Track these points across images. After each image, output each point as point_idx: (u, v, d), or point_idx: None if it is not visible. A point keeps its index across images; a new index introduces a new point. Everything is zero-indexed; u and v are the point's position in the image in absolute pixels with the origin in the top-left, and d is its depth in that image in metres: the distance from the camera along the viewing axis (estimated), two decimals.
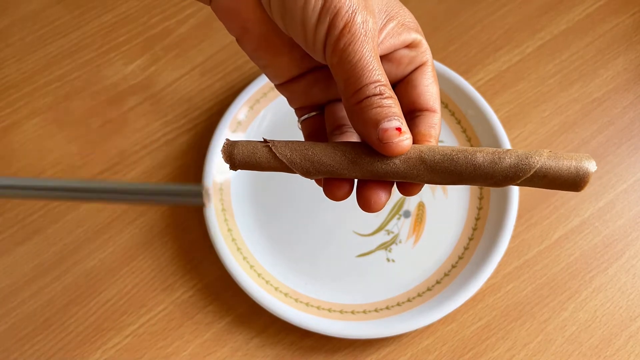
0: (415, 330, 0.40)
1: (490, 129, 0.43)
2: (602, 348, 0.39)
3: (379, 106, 0.23)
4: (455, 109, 0.45)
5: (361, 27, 0.22)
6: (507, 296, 0.41)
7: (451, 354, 0.39)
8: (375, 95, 0.23)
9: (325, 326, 0.39)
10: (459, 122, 0.44)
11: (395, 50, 0.26)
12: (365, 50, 0.22)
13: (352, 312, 0.40)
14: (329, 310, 0.40)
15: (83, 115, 0.47)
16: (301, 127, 0.29)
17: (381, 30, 0.25)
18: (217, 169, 0.43)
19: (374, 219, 0.42)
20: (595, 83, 0.47)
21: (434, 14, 0.49)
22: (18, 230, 0.44)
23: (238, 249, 0.41)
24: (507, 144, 0.42)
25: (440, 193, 0.43)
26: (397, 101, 0.23)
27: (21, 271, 0.43)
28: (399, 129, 0.22)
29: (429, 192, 0.43)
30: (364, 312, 0.40)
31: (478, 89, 0.45)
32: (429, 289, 0.40)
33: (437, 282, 0.40)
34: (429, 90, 0.26)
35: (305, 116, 0.29)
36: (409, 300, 0.40)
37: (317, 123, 0.28)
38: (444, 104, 0.45)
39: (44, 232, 0.44)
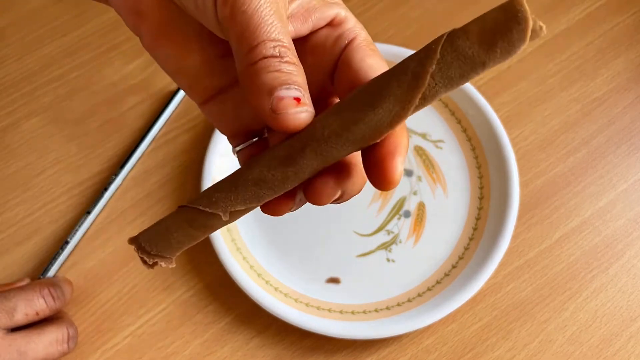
0: (416, 331, 0.40)
1: (490, 129, 0.43)
2: (603, 348, 0.39)
3: (277, 70, 0.19)
4: (455, 108, 0.44)
5: None
6: (508, 296, 0.41)
7: (451, 354, 0.39)
8: (273, 57, 0.19)
9: (325, 326, 0.38)
10: (459, 122, 0.44)
11: (315, 32, 0.22)
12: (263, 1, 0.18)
13: (352, 312, 0.40)
14: (329, 310, 0.40)
15: (83, 115, 0.47)
16: (238, 158, 0.25)
17: (290, 2, 0.21)
18: (217, 168, 0.43)
19: (374, 219, 0.42)
20: (596, 82, 0.47)
21: (434, 14, 0.49)
22: (18, 230, 0.44)
23: (238, 249, 0.41)
24: (507, 144, 0.42)
25: (440, 193, 0.43)
26: (301, 70, 0.19)
27: (21, 271, 0.42)
28: (297, 99, 0.19)
29: (429, 192, 0.43)
30: (364, 312, 0.40)
31: (478, 88, 0.45)
32: (429, 289, 0.40)
33: (438, 282, 0.40)
34: (366, 64, 0.21)
35: (241, 146, 0.24)
36: (409, 301, 0.40)
37: (257, 152, 0.24)
38: (444, 104, 0.45)
39: (44, 232, 0.43)
